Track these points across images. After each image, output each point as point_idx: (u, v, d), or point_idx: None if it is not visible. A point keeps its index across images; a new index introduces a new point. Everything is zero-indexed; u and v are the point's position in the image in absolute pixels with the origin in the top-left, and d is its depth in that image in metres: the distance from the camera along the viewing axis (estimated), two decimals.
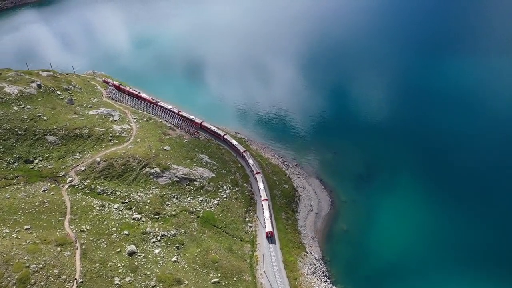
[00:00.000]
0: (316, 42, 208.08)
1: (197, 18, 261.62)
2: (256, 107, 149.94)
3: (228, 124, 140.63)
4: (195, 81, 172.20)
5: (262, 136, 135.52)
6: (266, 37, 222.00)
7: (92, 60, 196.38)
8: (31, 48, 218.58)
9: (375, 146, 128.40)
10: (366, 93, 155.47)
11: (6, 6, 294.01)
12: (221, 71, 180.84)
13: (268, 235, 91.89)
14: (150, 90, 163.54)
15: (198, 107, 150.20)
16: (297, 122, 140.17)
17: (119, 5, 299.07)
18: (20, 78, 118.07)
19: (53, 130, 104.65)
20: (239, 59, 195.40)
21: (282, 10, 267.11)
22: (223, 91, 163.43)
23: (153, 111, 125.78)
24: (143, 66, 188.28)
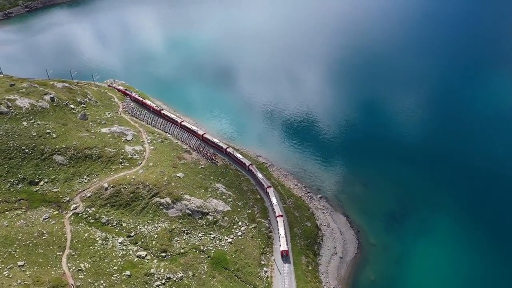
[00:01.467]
0: (349, 54, 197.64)
1: (227, 23, 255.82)
2: (280, 127, 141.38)
3: (249, 144, 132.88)
4: (219, 94, 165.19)
5: (285, 161, 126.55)
6: (296, 46, 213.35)
7: (114, 66, 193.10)
8: (54, 51, 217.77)
9: (411, 179, 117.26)
10: (402, 115, 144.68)
11: (36, 6, 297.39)
12: (246, 84, 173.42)
13: (283, 254, 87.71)
14: (171, 102, 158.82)
15: (220, 124, 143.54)
16: (325, 146, 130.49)
17: (147, 9, 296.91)
18: (33, 90, 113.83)
19: (61, 149, 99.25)
20: (266, 71, 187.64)
21: (314, 18, 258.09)
22: (247, 106, 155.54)
23: (171, 129, 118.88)
24: (167, 76, 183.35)
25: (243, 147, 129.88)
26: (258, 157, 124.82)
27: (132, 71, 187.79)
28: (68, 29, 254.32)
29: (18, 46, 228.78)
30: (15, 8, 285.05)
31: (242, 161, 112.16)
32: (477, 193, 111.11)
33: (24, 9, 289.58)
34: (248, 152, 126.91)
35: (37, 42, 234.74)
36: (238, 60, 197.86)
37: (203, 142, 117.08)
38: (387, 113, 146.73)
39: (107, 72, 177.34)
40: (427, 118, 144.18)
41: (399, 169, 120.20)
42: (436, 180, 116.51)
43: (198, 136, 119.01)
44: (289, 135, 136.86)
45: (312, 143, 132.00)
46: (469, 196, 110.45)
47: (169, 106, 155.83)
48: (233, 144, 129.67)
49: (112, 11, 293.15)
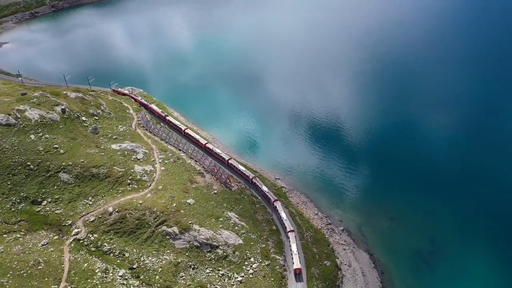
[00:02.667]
0: (380, 65, 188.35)
1: (252, 29, 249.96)
2: (303, 147, 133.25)
3: (269, 165, 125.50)
4: (241, 106, 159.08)
5: (306, 185, 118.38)
6: (325, 55, 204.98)
7: (133, 72, 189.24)
8: (75, 53, 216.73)
9: (444, 213, 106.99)
10: (436, 137, 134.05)
11: (62, 6, 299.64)
12: (270, 95, 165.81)
13: (296, 272, 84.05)
14: (189, 112, 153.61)
15: (239, 141, 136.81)
16: (349, 172, 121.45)
17: (171, 12, 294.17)
18: (45, 100, 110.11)
19: (68, 166, 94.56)
20: (291, 81, 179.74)
21: (347, 24, 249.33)
22: (269, 121, 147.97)
23: (185, 146, 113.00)
24: (187, 84, 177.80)
25: (262, 168, 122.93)
26: (276, 180, 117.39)
27: (151, 79, 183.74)
28: (91, 31, 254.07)
29: (41, 47, 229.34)
30: (42, 8, 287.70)
31: (245, 174, 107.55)
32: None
33: (51, 8, 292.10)
34: (267, 174, 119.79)
35: (60, 44, 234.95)
36: (262, 68, 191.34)
37: (205, 151, 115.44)
38: (419, 135, 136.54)
39: (126, 78, 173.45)
40: (466, 141, 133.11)
41: (431, 202, 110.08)
42: (472, 216, 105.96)
43: (201, 145, 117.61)
44: (312, 156, 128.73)
45: (335, 167, 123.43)
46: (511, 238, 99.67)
47: (186, 118, 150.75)
48: (253, 165, 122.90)
49: (137, 13, 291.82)
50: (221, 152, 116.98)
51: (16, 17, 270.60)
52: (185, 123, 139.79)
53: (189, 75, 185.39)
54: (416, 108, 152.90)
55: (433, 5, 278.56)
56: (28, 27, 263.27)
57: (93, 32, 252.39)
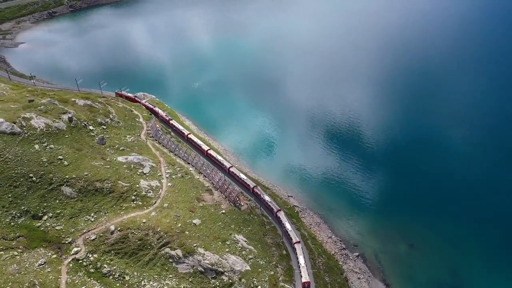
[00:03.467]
0: (406, 74, 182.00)
1: (271, 32, 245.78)
2: (318, 162, 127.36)
3: (281, 181, 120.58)
4: (255, 114, 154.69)
5: (320, 204, 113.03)
6: (347, 61, 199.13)
7: (146, 77, 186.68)
8: (89, 56, 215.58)
9: (469, 243, 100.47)
10: (466, 154, 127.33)
11: (80, 6, 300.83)
12: (287, 103, 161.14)
13: (304, 286, 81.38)
14: (201, 122, 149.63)
15: (251, 152, 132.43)
16: (366, 191, 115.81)
17: (189, 14, 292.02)
18: (52, 107, 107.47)
19: (71, 179, 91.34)
20: (310, 88, 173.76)
21: (372, 27, 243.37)
22: (284, 132, 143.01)
23: (194, 159, 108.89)
24: (202, 90, 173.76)
25: (275, 183, 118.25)
26: (289, 198, 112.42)
27: (165, 84, 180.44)
28: (107, 33, 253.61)
29: (56, 48, 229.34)
30: (60, 8, 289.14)
31: (246, 183, 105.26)
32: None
33: (69, 8, 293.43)
34: (279, 190, 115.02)
35: (76, 45, 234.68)
36: (279, 74, 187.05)
37: (207, 158, 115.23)
38: (445, 151, 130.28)
39: (139, 84, 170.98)
40: (499, 160, 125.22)
41: (455, 227, 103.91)
42: (502, 247, 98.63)
43: (203, 151, 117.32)
44: (327, 172, 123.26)
45: (352, 185, 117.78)
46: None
47: (198, 126, 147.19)
48: (265, 180, 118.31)
49: (153, 15, 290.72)
50: (223, 160, 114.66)
51: (34, 17, 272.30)
52: (190, 128, 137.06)
53: (203, 81, 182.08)
54: (442, 119, 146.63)
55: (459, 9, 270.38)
56: (45, 27, 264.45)
57: (108, 33, 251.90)
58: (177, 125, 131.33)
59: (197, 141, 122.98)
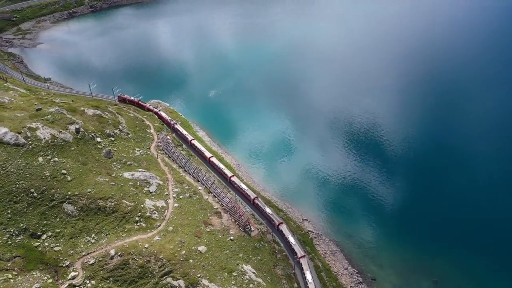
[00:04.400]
0: (434, 86, 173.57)
1: (297, 37, 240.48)
2: (337, 183, 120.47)
3: (297, 203, 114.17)
4: (273, 124, 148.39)
5: (336, 230, 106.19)
6: (374, 71, 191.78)
7: (162, 84, 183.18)
8: (105, 59, 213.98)
9: (503, 282, 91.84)
10: (499, 178, 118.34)
11: (100, 6, 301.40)
12: (307, 114, 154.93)
13: None
14: (216, 134, 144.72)
15: (266, 167, 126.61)
16: (388, 219, 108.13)
17: (211, 16, 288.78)
18: (59, 117, 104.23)
19: (73, 196, 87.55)
20: (336, 102, 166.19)
21: (397, 34, 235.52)
22: (303, 147, 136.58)
23: (204, 177, 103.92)
24: (219, 100, 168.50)
25: (289, 205, 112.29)
26: (304, 222, 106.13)
27: (181, 93, 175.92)
28: (126, 35, 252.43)
29: (74, 49, 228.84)
30: (80, 8, 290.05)
31: (247, 193, 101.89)
32: None
33: (89, 9, 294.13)
34: (294, 213, 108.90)
35: (93, 47, 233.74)
36: (303, 82, 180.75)
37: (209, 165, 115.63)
38: (478, 171, 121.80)
39: (153, 90, 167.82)
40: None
41: (485, 264, 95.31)
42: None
43: (205, 158, 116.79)
44: (346, 194, 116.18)
45: (372, 210, 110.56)
46: None
47: (212, 138, 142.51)
48: (278, 199, 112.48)
49: (174, 17, 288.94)
50: (224, 168, 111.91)
51: (54, 17, 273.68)
52: (202, 140, 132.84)
53: (221, 89, 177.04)
54: (475, 138, 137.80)
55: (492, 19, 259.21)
56: (64, 28, 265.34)
57: (127, 36, 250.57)
58: (181, 129, 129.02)
59: (200, 147, 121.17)
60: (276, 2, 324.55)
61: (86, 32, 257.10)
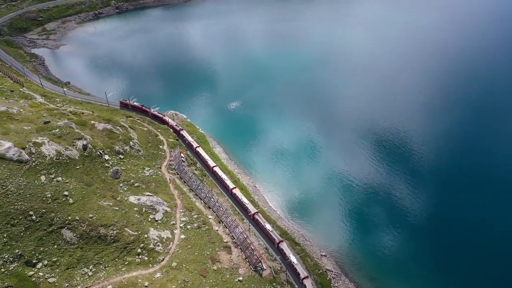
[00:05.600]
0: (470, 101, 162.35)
1: (332, 44, 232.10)
2: (365, 216, 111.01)
3: (316, 235, 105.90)
4: (298, 150, 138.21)
5: (358, 270, 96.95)
6: (408, 83, 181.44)
7: (181, 93, 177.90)
8: (125, 64, 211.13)
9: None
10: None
11: (126, 8, 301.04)
12: (341, 135, 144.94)
13: None
14: (235, 151, 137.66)
15: (285, 196, 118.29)
16: (417, 261, 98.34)
17: (240, 19, 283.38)
18: (67, 131, 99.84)
19: (73, 222, 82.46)
20: (372, 119, 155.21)
21: (432, 44, 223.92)
22: (330, 172, 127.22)
23: (215, 205, 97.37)
24: (242, 114, 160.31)
25: (308, 237, 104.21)
26: (322, 258, 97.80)
27: (200, 103, 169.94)
28: (149, 38, 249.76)
29: (96, 52, 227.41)
30: (106, 9, 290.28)
31: (248, 208, 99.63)
32: None
33: (115, 10, 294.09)
34: (311, 247, 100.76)
35: (116, 50, 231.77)
36: (333, 93, 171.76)
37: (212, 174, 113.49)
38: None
39: (171, 100, 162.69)
40: None
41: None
42: None
43: (209, 167, 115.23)
44: (374, 229, 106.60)
45: (400, 250, 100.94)
46: None
47: (229, 155, 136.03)
48: (295, 229, 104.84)
49: (200, 21, 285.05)
50: (226, 179, 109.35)
51: (79, 17, 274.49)
52: (217, 157, 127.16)
53: (244, 101, 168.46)
54: None
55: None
56: (88, 29, 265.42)
57: (150, 39, 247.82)
58: (187, 136, 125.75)
59: (205, 155, 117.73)
60: (308, 7, 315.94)
61: (109, 34, 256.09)
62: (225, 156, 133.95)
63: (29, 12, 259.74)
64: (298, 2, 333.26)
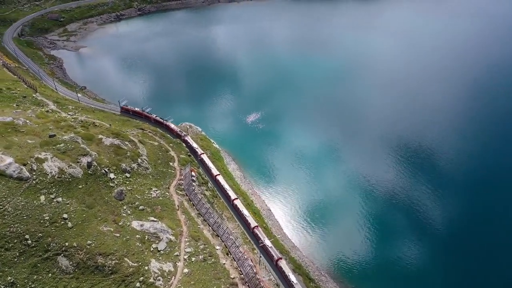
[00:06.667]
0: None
1: (363, 52, 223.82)
2: (391, 251, 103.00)
3: (335, 267, 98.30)
4: (323, 168, 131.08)
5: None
6: (442, 99, 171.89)
7: (200, 102, 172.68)
8: (144, 69, 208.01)
9: None
10: None
11: (149, 10, 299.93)
12: (367, 164, 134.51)
13: None
14: (251, 170, 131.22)
15: (306, 229, 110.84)
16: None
17: (265, 24, 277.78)
18: (73, 146, 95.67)
19: (70, 249, 77.73)
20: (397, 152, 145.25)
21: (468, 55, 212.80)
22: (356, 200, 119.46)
23: (224, 233, 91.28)
24: (263, 129, 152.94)
25: (326, 270, 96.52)
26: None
27: (218, 115, 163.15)
28: (169, 42, 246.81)
29: (115, 56, 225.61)
30: (128, 10, 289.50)
31: (248, 221, 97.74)
32: None
33: (137, 12, 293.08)
34: (327, 282, 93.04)
35: (134, 54, 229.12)
36: (362, 106, 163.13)
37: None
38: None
39: (186, 111, 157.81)
40: None
41: None
42: None
43: (212, 175, 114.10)
44: (401, 269, 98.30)
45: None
46: None
47: (244, 173, 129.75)
48: (311, 263, 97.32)
49: (222, 25, 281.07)
50: (229, 189, 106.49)
51: (101, 19, 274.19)
52: (231, 176, 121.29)
53: (265, 113, 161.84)
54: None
55: None
56: (109, 31, 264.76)
57: (171, 43, 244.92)
58: (192, 142, 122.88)
59: (209, 163, 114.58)
60: (336, 13, 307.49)
61: (130, 36, 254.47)
62: (239, 174, 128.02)
63: (52, 13, 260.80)
64: (325, 8, 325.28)
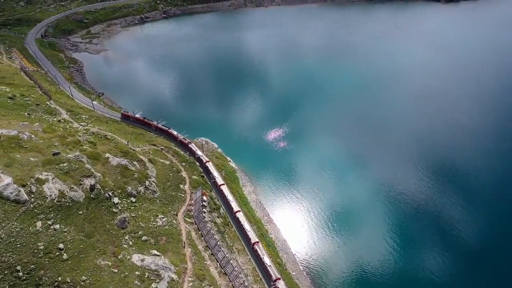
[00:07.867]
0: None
1: (394, 64, 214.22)
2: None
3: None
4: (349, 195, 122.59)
5: None
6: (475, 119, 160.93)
7: (219, 117, 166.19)
8: (162, 74, 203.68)
9: None
10: None
11: (174, 13, 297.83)
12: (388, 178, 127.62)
13: None
14: (266, 193, 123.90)
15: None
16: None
17: (292, 30, 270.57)
18: (76, 166, 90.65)
19: (63, 284, 72.22)
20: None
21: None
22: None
23: (233, 273, 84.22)
24: (281, 144, 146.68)
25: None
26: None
27: (237, 131, 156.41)
28: (192, 48, 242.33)
29: (137, 60, 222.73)
30: (153, 13, 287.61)
31: (249, 236, 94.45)
32: None
33: (162, 14, 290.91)
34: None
35: (155, 59, 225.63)
36: (397, 131, 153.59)
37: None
38: None
39: (204, 125, 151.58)
40: None
41: None
42: None
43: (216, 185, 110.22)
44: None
45: None
46: None
47: (257, 192, 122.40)
48: None
49: (249, 31, 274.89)
50: (231, 199, 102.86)
51: (125, 21, 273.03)
52: (245, 199, 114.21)
53: (290, 129, 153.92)
54: None
55: None
56: (132, 34, 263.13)
57: (194, 49, 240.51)
58: (196, 149, 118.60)
59: (214, 171, 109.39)
60: (372, 20, 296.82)
61: (153, 41, 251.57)
62: (254, 198, 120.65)
63: (76, 14, 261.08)
64: (358, 14, 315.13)
